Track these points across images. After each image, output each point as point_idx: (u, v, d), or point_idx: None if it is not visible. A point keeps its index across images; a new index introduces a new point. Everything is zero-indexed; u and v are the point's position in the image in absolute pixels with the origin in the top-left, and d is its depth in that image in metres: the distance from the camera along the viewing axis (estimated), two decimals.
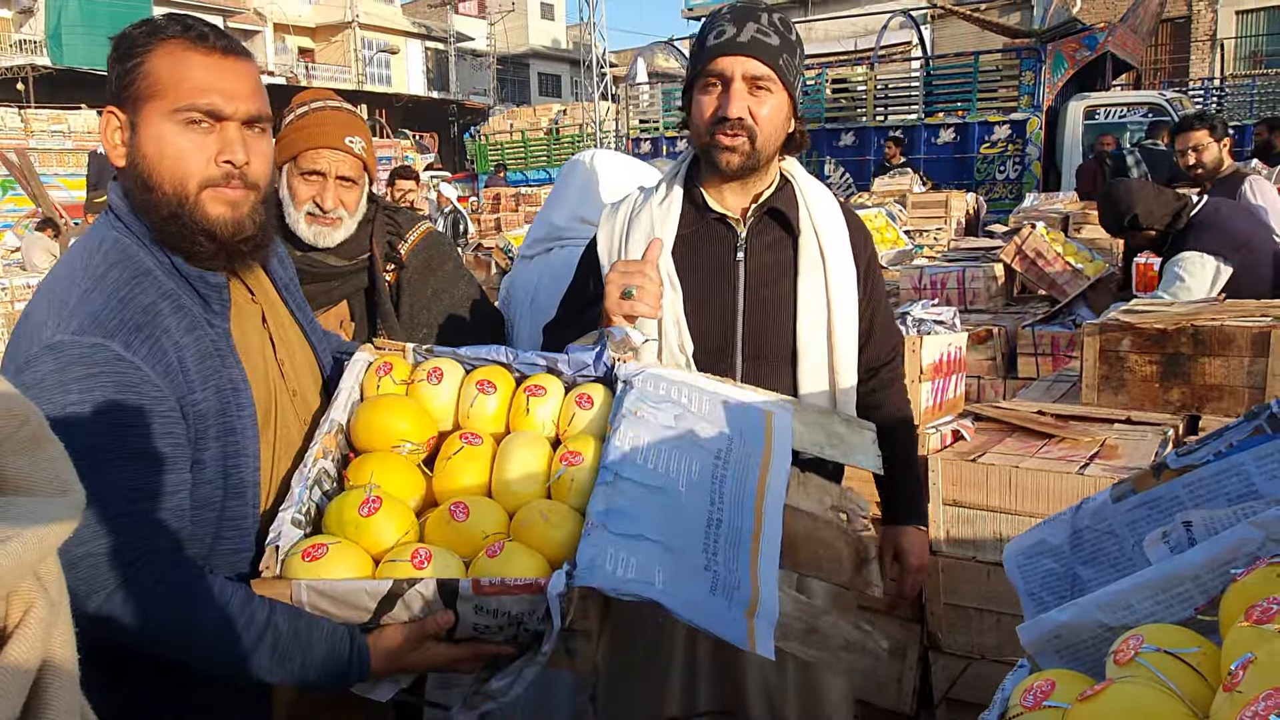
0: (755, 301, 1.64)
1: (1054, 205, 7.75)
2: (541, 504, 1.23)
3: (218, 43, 1.15)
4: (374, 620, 1.12)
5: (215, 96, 1.14)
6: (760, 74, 1.55)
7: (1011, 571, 1.06)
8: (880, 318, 1.77)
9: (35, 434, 0.63)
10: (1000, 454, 2.11)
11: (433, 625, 1.12)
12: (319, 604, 1.11)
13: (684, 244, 1.66)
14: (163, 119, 1.13)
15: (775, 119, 1.59)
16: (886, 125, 12.77)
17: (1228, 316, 2.27)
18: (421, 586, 1.09)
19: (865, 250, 1.74)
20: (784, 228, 1.67)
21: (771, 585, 1.19)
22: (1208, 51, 19.16)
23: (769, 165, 1.65)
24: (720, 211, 1.66)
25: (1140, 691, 0.65)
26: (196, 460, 1.14)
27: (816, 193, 1.71)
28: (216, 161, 1.15)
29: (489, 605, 1.10)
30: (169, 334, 1.12)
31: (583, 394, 1.37)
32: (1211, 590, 0.79)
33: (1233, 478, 0.87)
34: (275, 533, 1.16)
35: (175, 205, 1.14)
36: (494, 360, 1.43)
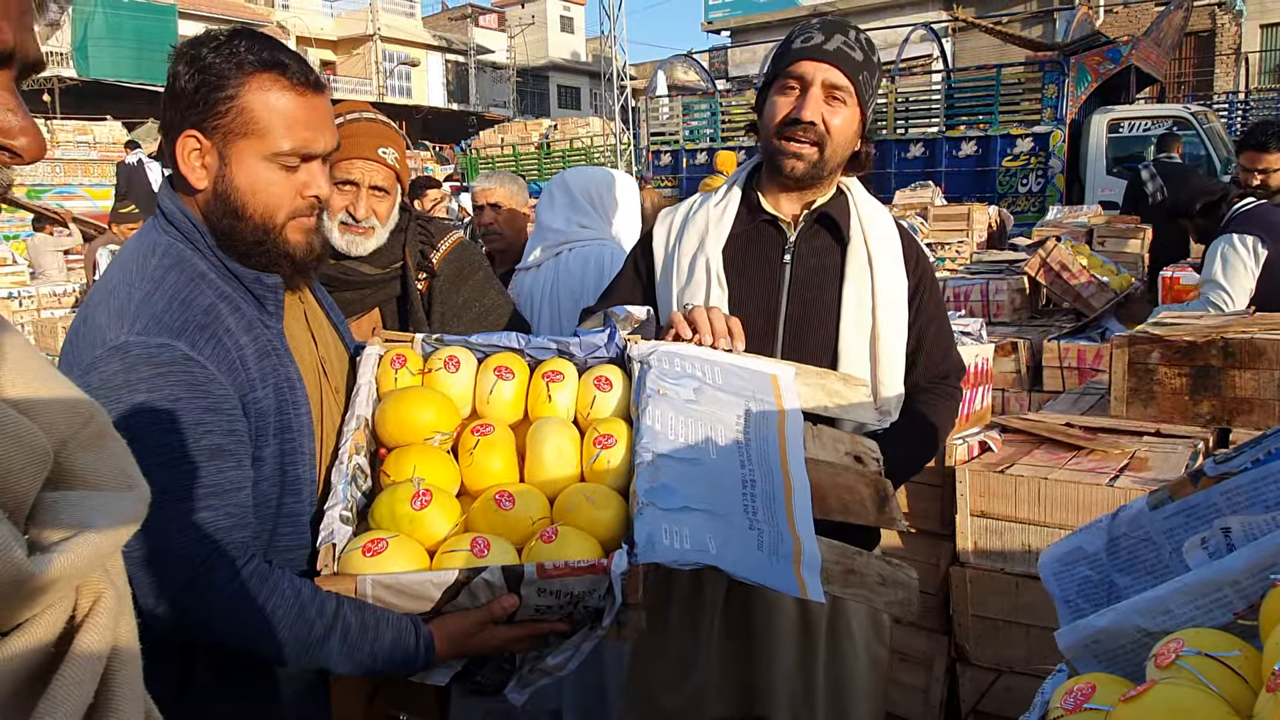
0: (798, 304, 1.66)
1: (1078, 218, 7.72)
2: (585, 487, 1.27)
3: (307, 78, 1.20)
4: (436, 608, 1.16)
5: (308, 136, 1.20)
6: (840, 83, 1.58)
7: (1048, 579, 1.06)
8: (932, 340, 1.74)
9: (100, 431, 0.65)
10: (1029, 465, 2.11)
11: (498, 609, 1.16)
12: (384, 597, 1.14)
13: (734, 243, 1.69)
14: (258, 159, 1.18)
15: (846, 131, 1.61)
16: (908, 138, 12.76)
17: (1258, 329, 2.26)
18: (488, 574, 1.13)
19: (919, 268, 1.73)
20: (834, 235, 1.68)
21: (810, 536, 1.25)
22: (1232, 65, 19.03)
23: (832, 177, 1.66)
24: (772, 214, 1.68)
25: (1183, 692, 0.66)
26: (257, 458, 1.17)
27: (871, 206, 1.73)
28: (303, 195, 1.22)
29: (552, 587, 1.14)
30: (230, 334, 1.16)
31: (600, 376, 1.40)
32: (1251, 595, 0.80)
33: (1271, 485, 0.87)
34: (327, 530, 1.19)
35: (262, 234, 1.21)
36: (506, 346, 1.45)
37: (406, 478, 1.27)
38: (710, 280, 1.66)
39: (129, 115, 20.14)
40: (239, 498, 1.13)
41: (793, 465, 1.35)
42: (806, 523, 1.27)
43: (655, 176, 14.80)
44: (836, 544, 1.33)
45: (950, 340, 1.80)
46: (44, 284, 8.04)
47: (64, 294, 7.64)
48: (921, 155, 12.23)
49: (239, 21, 29.19)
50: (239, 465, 1.13)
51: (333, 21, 34.31)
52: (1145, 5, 14.53)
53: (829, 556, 1.29)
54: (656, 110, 15.66)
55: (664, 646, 1.74)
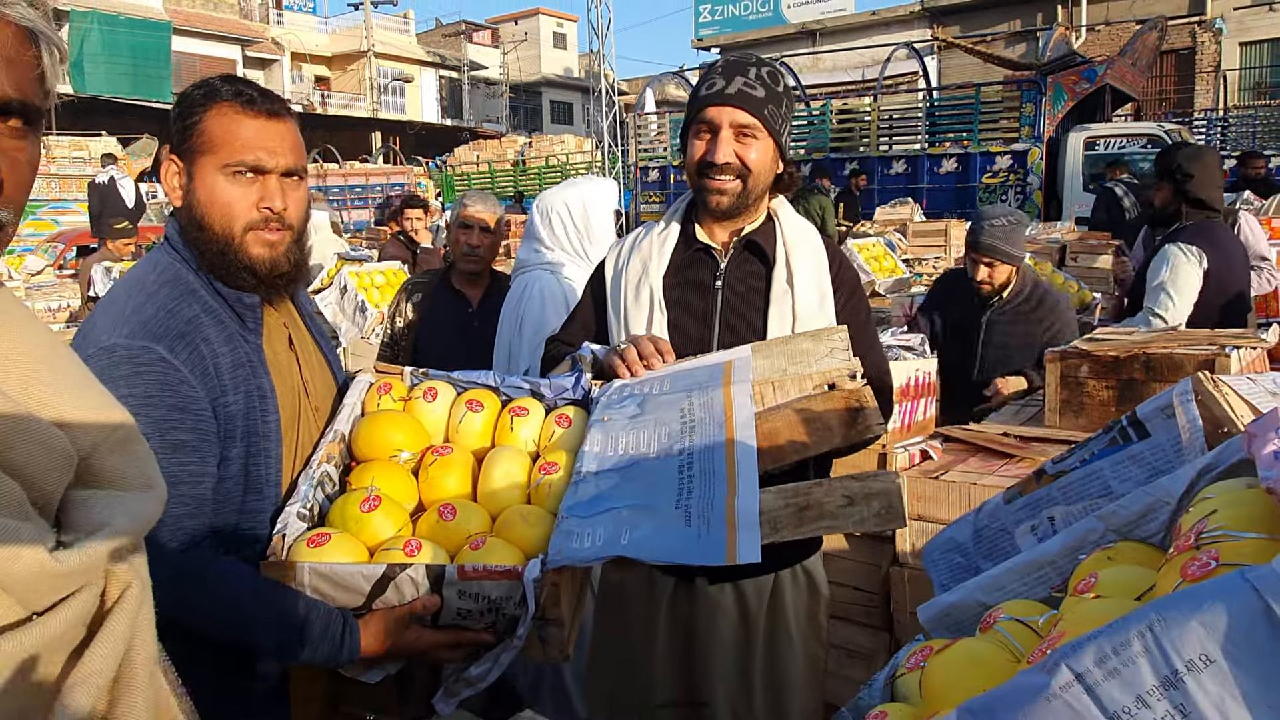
0: (729, 327, 1.80)
1: (1052, 235, 7.91)
2: (522, 508, 1.40)
3: (264, 106, 1.36)
4: (367, 603, 1.26)
5: (259, 153, 1.34)
6: (746, 123, 1.72)
7: (928, 567, 1.22)
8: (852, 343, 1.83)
9: (127, 436, 0.75)
10: (962, 472, 2.26)
11: (419, 606, 1.25)
12: (318, 585, 1.25)
13: (674, 270, 1.85)
14: (215, 172, 1.34)
15: (763, 162, 1.75)
16: (890, 155, 12.99)
17: (1178, 344, 2.43)
18: (412, 570, 1.24)
19: (839, 279, 1.84)
20: (761, 260, 1.82)
21: (749, 494, 1.22)
22: (1212, 83, 19.36)
23: (758, 204, 1.81)
24: (705, 243, 1.84)
25: (976, 644, 0.82)
26: (224, 457, 1.31)
27: (795, 229, 1.85)
28: (258, 207, 1.36)
29: (471, 590, 1.24)
30: (208, 343, 1.31)
31: (562, 415, 1.55)
32: (1065, 572, 0.96)
33: (1094, 480, 1.03)
34: (282, 524, 1.32)
35: (223, 244, 1.35)
36: (483, 384, 1.62)
37: (365, 486, 1.41)
38: (653, 306, 1.82)
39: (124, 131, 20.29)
40: (195, 490, 1.26)
41: (740, 431, 1.33)
42: (749, 483, 1.24)
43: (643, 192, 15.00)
44: (787, 486, 1.28)
45: (873, 343, 1.85)
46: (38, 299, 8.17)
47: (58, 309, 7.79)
48: (904, 172, 12.45)
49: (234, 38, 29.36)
50: (200, 461, 1.27)
51: (327, 38, 34.58)
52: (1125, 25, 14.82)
53: (775, 504, 1.25)
54: (645, 126, 15.89)
55: (620, 641, 1.89)
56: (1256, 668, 0.48)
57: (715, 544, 1.16)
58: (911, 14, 22.55)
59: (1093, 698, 0.52)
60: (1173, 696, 0.50)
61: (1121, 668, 0.52)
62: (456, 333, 3.13)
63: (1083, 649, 0.54)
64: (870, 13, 23.61)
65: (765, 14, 25.77)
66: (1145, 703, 0.51)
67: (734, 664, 1.81)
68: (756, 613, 1.82)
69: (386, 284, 5.42)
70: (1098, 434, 1.05)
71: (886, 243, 7.44)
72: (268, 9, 32.46)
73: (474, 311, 3.17)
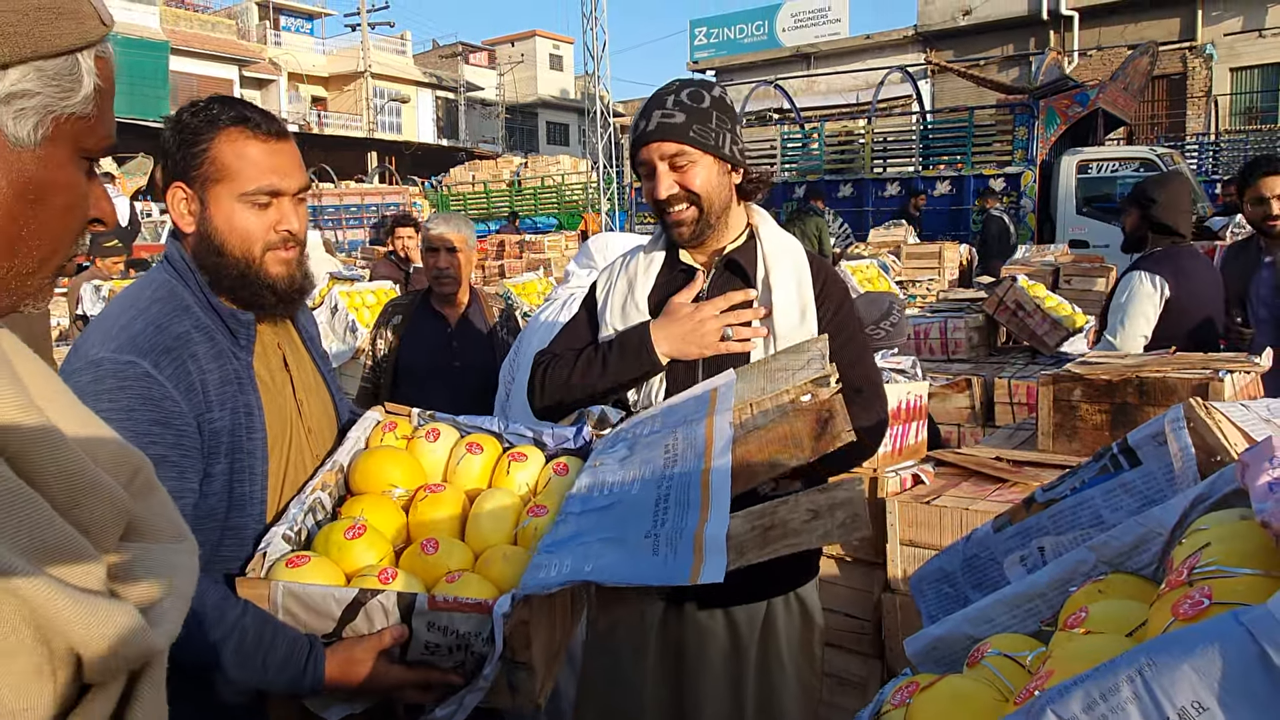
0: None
1: (1045, 257, 7.94)
2: (504, 547, 1.39)
3: (270, 128, 1.37)
4: (337, 629, 1.23)
5: (273, 178, 1.36)
6: (674, 152, 1.70)
7: (916, 596, 1.19)
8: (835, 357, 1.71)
9: (148, 482, 0.70)
10: (954, 497, 2.24)
11: (388, 636, 1.22)
12: (290, 605, 1.23)
13: (659, 291, 1.83)
14: (231, 200, 1.35)
15: (709, 182, 1.73)
16: (884, 177, 13.05)
17: (1171, 368, 2.41)
18: (383, 597, 1.21)
19: (825, 291, 1.80)
20: (742, 278, 1.80)
21: (719, 524, 1.20)
22: (1203, 107, 19.53)
23: (724, 220, 1.79)
24: (687, 264, 1.82)
25: (965, 682, 0.79)
26: (207, 473, 1.29)
27: (775, 246, 1.82)
28: (276, 230, 1.37)
29: (440, 622, 1.20)
30: (196, 359, 1.30)
31: (560, 463, 1.54)
32: (1055, 605, 0.93)
33: (1085, 509, 1.01)
34: (266, 543, 1.31)
35: (244, 267, 1.36)
36: (487, 429, 1.62)
37: (353, 516, 1.40)
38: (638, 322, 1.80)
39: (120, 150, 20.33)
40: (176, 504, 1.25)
41: (716, 459, 1.32)
42: (721, 510, 1.22)
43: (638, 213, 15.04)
44: (755, 508, 1.27)
45: (860, 356, 1.81)
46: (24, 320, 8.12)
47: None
48: (898, 194, 12.50)
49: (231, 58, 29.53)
50: (180, 476, 1.25)
51: (324, 58, 34.79)
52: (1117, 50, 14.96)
53: (741, 527, 1.23)
54: None
55: (610, 664, 1.85)
56: (1252, 716, 0.45)
57: (680, 568, 1.15)
58: (905, 38, 22.73)
59: None
60: None
61: (1110, 714, 0.49)
62: (436, 354, 3.10)
63: (1069, 694, 0.51)
64: (864, 36, 23.80)
65: (760, 37, 25.97)
66: None
67: (725, 691, 1.78)
68: (748, 640, 1.79)
69: (377, 303, 5.40)
70: (1088, 462, 1.02)
71: (880, 265, 7.45)
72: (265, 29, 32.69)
73: (452, 332, 3.14)
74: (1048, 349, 4.68)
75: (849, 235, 11.77)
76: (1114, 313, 3.45)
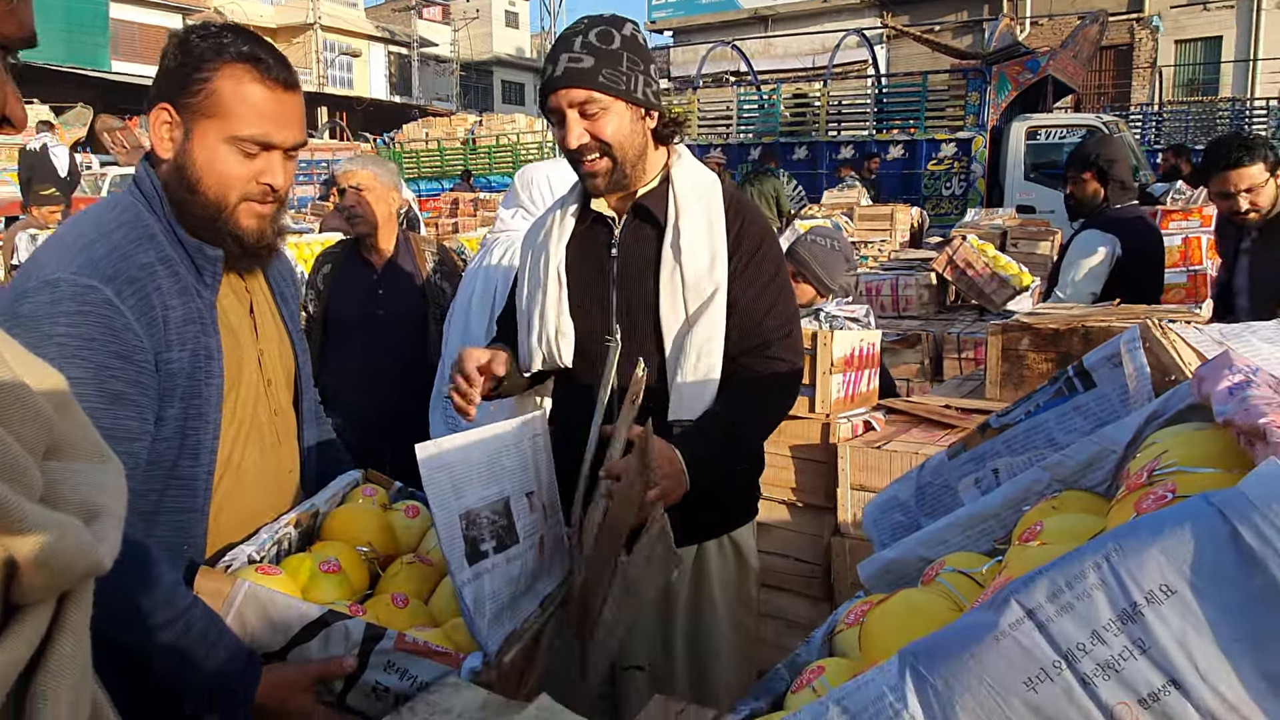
0: (625, 295, 1.74)
1: (994, 220, 8.03)
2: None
3: (280, 75, 1.27)
4: (285, 649, 1.15)
5: (270, 128, 1.26)
6: (583, 99, 1.62)
7: (868, 527, 1.18)
8: (747, 303, 1.71)
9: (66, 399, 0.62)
10: (904, 442, 2.25)
11: (335, 666, 1.13)
12: (247, 610, 1.15)
13: (574, 243, 1.79)
14: (219, 139, 1.25)
15: (621, 130, 1.65)
16: (839, 140, 13.06)
17: (1115, 319, 2.44)
18: (351, 624, 1.14)
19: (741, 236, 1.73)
20: (654, 224, 1.75)
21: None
22: (1148, 78, 19.88)
23: (640, 166, 1.71)
24: (600, 212, 1.77)
25: (916, 594, 0.78)
26: (160, 417, 1.22)
27: (688, 189, 1.74)
28: (258, 181, 1.28)
29: (401, 664, 1.14)
30: (160, 292, 1.22)
31: None
32: (1009, 524, 0.92)
33: (1039, 433, 1.00)
34: (231, 558, 1.24)
35: (214, 211, 1.27)
36: None
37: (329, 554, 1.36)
38: (550, 277, 1.76)
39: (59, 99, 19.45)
40: (132, 448, 1.17)
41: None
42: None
43: None
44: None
45: (774, 304, 1.73)
46: None
47: None
48: (852, 157, 12.53)
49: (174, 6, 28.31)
50: (139, 417, 1.18)
51: (272, 9, 33.53)
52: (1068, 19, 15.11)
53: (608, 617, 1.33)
54: None
55: None
56: (1222, 597, 0.44)
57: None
58: (862, 2, 22.67)
59: (1044, 634, 0.48)
60: (1131, 630, 0.46)
61: (1075, 601, 0.47)
62: (363, 302, 2.96)
63: (1034, 583, 0.49)
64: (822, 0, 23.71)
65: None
66: (1101, 638, 0.46)
67: (655, 630, 1.79)
68: (678, 583, 1.78)
69: None
70: (1043, 386, 1.01)
71: (833, 225, 7.47)
72: None
73: (379, 278, 3.00)
74: (995, 307, 4.75)
75: (803, 197, 11.79)
76: (1065, 270, 3.49)
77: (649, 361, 1.65)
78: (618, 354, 1.61)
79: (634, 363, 1.55)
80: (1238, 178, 2.97)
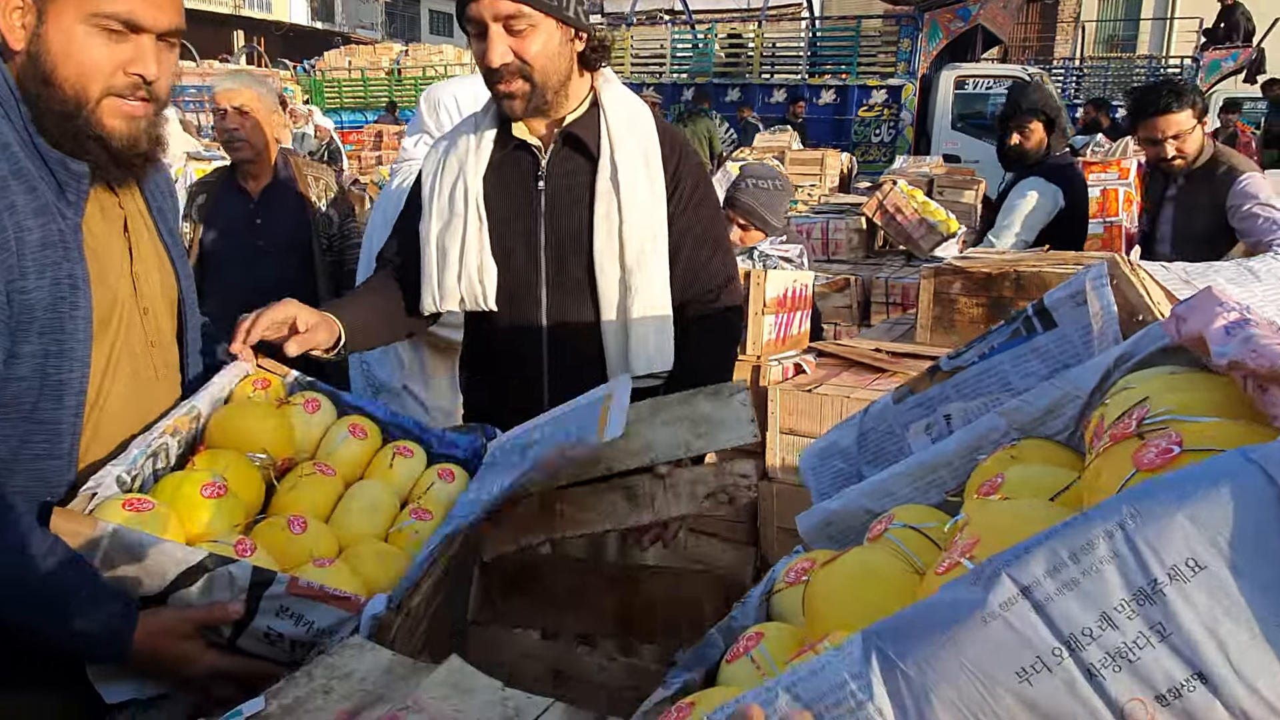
0: (555, 231, 1.61)
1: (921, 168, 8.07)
2: (379, 545, 1.24)
3: None
4: (163, 594, 1.04)
5: (136, 5, 1.08)
6: (510, 12, 1.47)
7: (805, 474, 1.11)
8: (689, 249, 1.64)
9: None
10: (835, 386, 2.20)
11: (219, 611, 1.03)
12: (115, 554, 1.03)
13: (492, 172, 1.64)
14: (76, 20, 1.07)
15: (547, 51, 1.51)
16: (772, 83, 12.93)
17: (1047, 264, 2.43)
18: (236, 568, 1.03)
19: (678, 174, 1.64)
20: (585, 154, 1.62)
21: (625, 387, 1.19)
22: (1071, 32, 20.21)
23: (563, 91, 1.58)
24: (522, 139, 1.62)
25: (873, 554, 0.70)
26: (13, 354, 1.06)
27: (621, 117, 1.63)
28: (125, 71, 1.10)
29: (294, 609, 1.04)
30: (12, 212, 1.05)
31: (446, 468, 1.39)
32: (961, 475, 0.85)
33: (992, 377, 0.93)
34: (96, 482, 1.10)
35: (72, 107, 1.09)
36: (370, 413, 1.44)
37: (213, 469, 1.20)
38: (469, 210, 1.60)
39: None
40: None
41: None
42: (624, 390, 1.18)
43: None
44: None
45: (716, 249, 1.67)
46: None
47: None
48: (784, 101, 12.44)
49: None
50: None
51: None
52: None
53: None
54: None
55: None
56: (1262, 574, 0.36)
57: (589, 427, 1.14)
58: None
59: (1042, 616, 0.40)
60: (1149, 613, 0.38)
61: (1081, 578, 0.39)
62: (240, 233, 2.76)
63: (1030, 555, 0.41)
64: None
65: None
66: (1112, 621, 0.38)
67: None
68: None
69: None
70: (998, 326, 0.94)
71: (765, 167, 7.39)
72: None
73: (254, 207, 2.79)
74: (922, 252, 4.75)
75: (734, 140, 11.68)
76: (1005, 214, 3.45)
77: (580, 302, 1.54)
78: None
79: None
80: (1165, 124, 2.98)
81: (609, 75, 1.67)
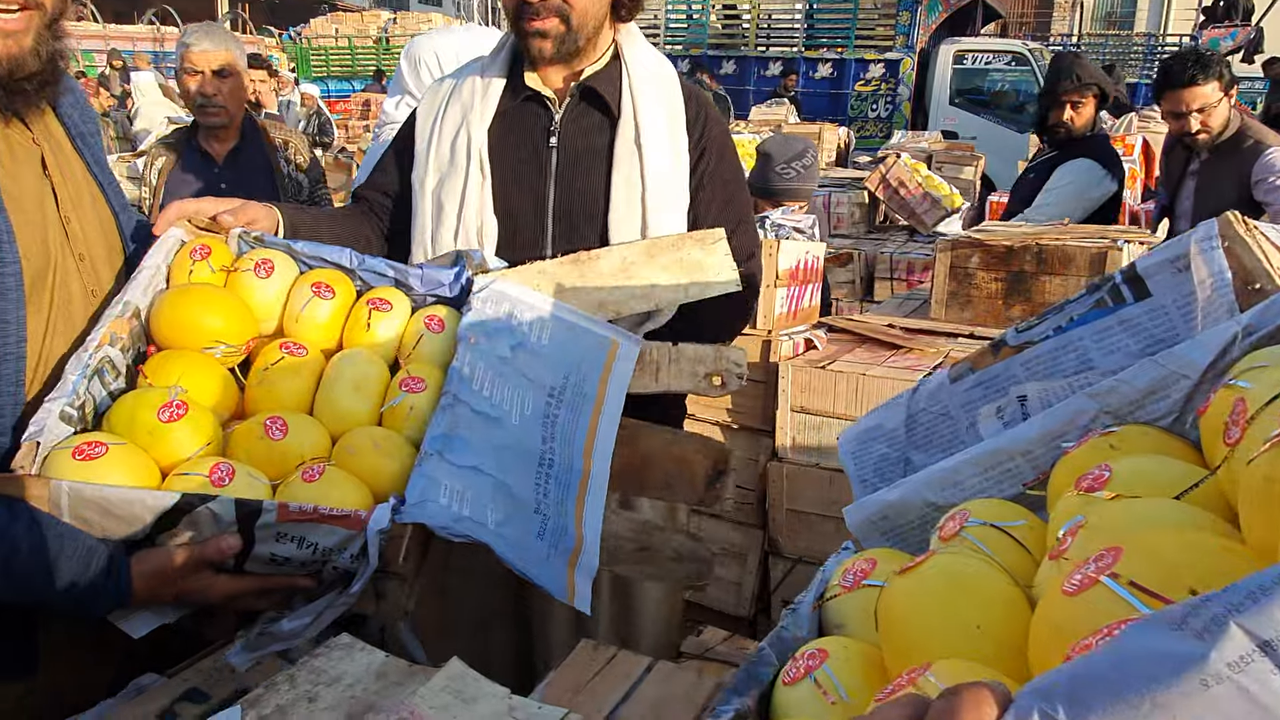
0: (566, 192, 1.49)
1: (919, 144, 7.93)
2: (374, 431, 1.09)
3: None
4: (149, 536, 0.94)
5: None
6: None
7: (845, 457, 1.00)
8: (714, 224, 1.52)
9: None
10: (849, 362, 2.09)
11: (213, 550, 0.94)
12: (82, 512, 0.92)
13: (499, 124, 1.50)
14: None
15: None
16: (768, 56, 12.72)
17: (1070, 238, 2.32)
18: (216, 505, 0.92)
19: (704, 139, 1.53)
20: (604, 111, 1.50)
21: (594, 535, 1.12)
22: (1069, 10, 20.02)
23: (594, 41, 1.47)
24: (536, 90, 1.49)
25: (961, 561, 0.59)
26: None
27: (644, 72, 1.51)
28: None
29: (294, 533, 0.94)
30: None
31: (433, 316, 1.22)
32: (1042, 465, 0.74)
33: (1070, 353, 0.82)
34: (37, 426, 0.96)
35: None
36: (335, 263, 1.26)
37: (167, 384, 1.05)
38: (470, 164, 1.47)
39: None
40: None
41: (598, 452, 1.20)
42: (595, 519, 1.14)
43: None
44: (637, 519, 1.23)
45: (739, 218, 1.57)
46: None
47: None
48: (779, 74, 12.24)
49: None
50: None
51: None
52: None
53: (624, 533, 1.19)
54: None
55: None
56: None
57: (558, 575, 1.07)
58: None
59: None
60: None
61: None
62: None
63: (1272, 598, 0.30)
64: None
65: None
66: None
67: None
68: None
69: None
70: (1080, 295, 0.83)
71: None
72: None
73: (220, 171, 2.63)
74: (925, 227, 4.65)
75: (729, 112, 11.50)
76: (1051, 193, 3.22)
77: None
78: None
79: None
80: (1190, 96, 2.86)
81: (632, 29, 1.54)
